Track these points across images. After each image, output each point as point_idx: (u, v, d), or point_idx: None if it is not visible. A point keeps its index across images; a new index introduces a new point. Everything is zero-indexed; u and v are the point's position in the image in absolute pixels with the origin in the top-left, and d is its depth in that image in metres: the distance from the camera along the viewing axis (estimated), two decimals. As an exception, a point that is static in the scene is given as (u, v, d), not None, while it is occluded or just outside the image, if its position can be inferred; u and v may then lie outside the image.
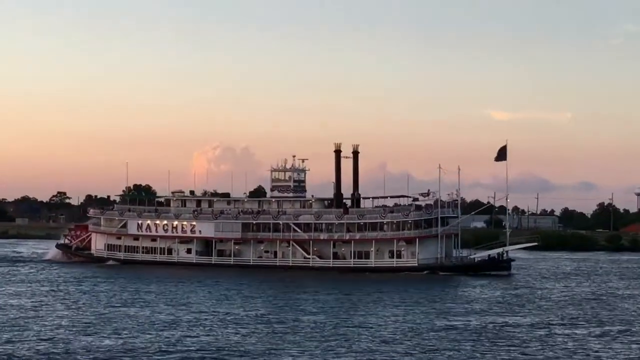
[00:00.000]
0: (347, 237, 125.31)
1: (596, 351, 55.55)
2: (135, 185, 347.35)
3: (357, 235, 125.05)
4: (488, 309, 78.68)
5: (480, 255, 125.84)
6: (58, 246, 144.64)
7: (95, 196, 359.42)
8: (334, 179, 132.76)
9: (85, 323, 65.43)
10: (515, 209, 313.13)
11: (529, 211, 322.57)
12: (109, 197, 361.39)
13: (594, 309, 79.74)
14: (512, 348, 56.07)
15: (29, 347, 54.47)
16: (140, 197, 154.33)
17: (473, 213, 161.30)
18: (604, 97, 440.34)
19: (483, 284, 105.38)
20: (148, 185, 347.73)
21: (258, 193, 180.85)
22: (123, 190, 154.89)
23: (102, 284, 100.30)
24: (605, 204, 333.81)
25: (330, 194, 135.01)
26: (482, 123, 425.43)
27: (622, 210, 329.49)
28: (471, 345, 56.90)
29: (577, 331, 64.35)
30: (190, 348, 54.78)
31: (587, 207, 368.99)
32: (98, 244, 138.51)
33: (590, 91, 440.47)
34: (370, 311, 75.34)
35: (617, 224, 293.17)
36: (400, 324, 66.68)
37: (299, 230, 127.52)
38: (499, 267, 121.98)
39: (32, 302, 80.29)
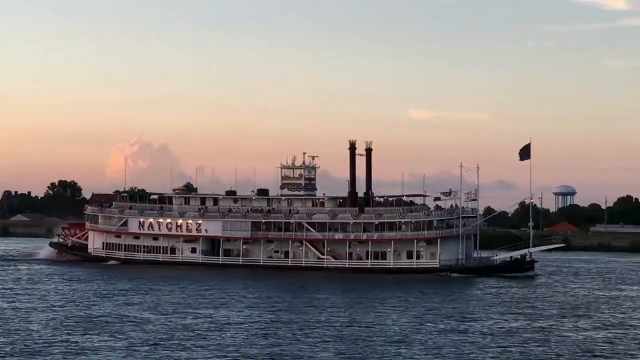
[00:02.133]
0: (365, 237, 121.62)
1: None
2: (60, 182, 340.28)
3: (375, 235, 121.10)
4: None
5: (502, 256, 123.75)
6: (52, 245, 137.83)
7: (15, 192, 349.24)
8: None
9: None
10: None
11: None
12: (29, 192, 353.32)
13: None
14: None
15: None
16: (67, 193, 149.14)
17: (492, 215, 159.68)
18: (520, 97, 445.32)
19: (513, 285, 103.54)
20: (74, 181, 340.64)
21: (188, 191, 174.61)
22: (48, 187, 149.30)
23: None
24: (527, 203, 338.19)
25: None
26: (401, 122, 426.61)
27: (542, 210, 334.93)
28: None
29: None
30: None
31: (508, 206, 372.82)
32: (96, 243, 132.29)
33: (506, 91, 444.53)
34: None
35: (540, 223, 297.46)
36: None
37: (312, 229, 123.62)
38: (522, 269, 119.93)
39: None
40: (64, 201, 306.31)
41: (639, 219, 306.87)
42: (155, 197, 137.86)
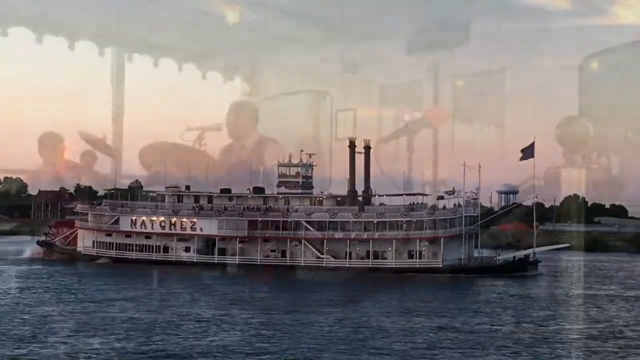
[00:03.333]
0: (366, 236, 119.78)
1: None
2: (5, 178, 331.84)
3: (376, 234, 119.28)
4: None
5: (505, 256, 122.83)
6: (39, 243, 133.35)
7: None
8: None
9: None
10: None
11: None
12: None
13: None
14: None
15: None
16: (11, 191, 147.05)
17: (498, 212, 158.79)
18: (474, 97, 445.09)
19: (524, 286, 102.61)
20: (19, 178, 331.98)
21: (134, 188, 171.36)
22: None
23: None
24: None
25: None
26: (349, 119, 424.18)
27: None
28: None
29: None
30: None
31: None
32: (85, 241, 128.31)
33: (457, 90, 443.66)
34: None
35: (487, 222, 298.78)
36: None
37: (311, 228, 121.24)
38: (526, 269, 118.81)
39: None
40: (10, 198, 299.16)
41: (584, 217, 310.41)
42: (103, 193, 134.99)
